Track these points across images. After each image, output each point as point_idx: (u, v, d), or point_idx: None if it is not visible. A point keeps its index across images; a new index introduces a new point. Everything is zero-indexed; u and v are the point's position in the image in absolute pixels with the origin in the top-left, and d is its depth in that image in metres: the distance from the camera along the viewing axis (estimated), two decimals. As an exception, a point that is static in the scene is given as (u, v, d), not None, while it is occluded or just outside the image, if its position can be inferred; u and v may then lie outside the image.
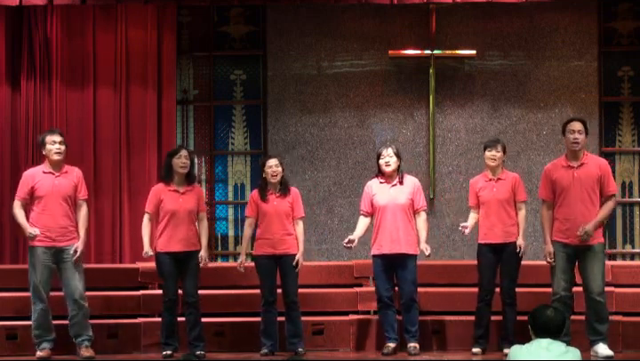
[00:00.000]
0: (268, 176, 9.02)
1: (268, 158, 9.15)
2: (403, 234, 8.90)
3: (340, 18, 10.97)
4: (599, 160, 8.86)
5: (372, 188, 9.11)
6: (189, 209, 8.91)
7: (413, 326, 8.93)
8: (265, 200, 9.01)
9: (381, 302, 8.98)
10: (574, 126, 8.64)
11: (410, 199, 9.00)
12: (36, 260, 8.67)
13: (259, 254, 9.00)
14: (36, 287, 8.67)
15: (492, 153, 8.98)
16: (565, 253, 8.58)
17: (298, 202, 9.10)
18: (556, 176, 8.63)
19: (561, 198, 8.60)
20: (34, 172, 8.92)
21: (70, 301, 8.74)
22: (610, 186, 8.64)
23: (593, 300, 8.55)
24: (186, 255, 8.86)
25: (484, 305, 8.95)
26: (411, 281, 8.92)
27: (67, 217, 8.79)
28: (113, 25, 10.81)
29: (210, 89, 11.19)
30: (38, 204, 8.76)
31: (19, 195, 8.86)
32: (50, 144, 8.78)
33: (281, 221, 8.97)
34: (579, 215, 8.51)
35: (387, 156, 9.01)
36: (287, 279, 8.98)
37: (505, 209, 8.92)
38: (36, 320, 8.71)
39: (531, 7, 10.70)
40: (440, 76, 10.77)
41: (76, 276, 8.72)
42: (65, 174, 8.85)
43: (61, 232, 8.73)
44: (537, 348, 5.55)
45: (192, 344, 8.85)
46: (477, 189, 9.04)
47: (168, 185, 8.95)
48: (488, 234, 8.93)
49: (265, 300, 8.95)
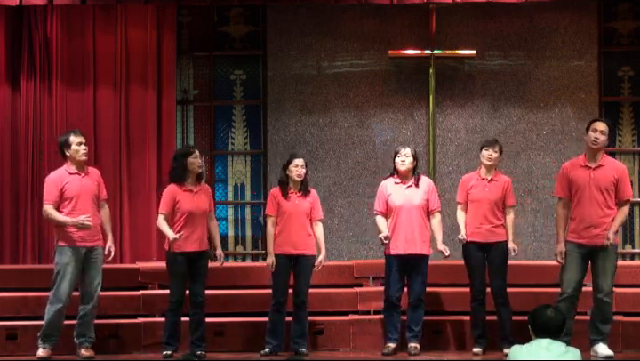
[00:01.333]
0: (293, 175, 8.96)
1: (294, 158, 9.03)
2: (418, 234, 8.90)
3: (340, 18, 10.97)
4: (617, 164, 8.87)
5: (386, 187, 9.07)
6: (204, 208, 8.90)
7: (417, 326, 8.93)
8: (286, 198, 8.99)
9: (388, 302, 8.96)
10: (598, 126, 8.64)
11: (425, 200, 9.00)
12: (68, 260, 8.63)
13: (277, 253, 8.93)
14: (61, 287, 8.60)
15: (490, 153, 8.99)
16: (579, 254, 8.56)
17: (317, 203, 9.07)
18: (572, 175, 8.63)
19: (576, 198, 8.59)
20: (59, 174, 8.82)
21: (87, 300, 8.71)
22: (626, 190, 8.63)
23: (600, 300, 8.55)
24: (198, 255, 8.84)
25: (478, 304, 8.95)
26: (422, 281, 8.93)
27: (96, 217, 8.78)
28: (113, 25, 10.81)
29: (210, 89, 11.19)
30: (68, 205, 8.69)
31: (49, 199, 8.71)
32: (76, 145, 8.76)
33: (301, 221, 8.94)
34: (594, 216, 8.50)
35: (403, 155, 9.00)
36: (301, 280, 8.95)
37: (493, 210, 8.93)
38: (50, 320, 8.66)
39: (531, 7, 10.70)
40: (440, 76, 10.77)
41: (98, 277, 8.73)
42: (88, 175, 8.86)
43: (91, 232, 8.72)
44: (537, 348, 5.54)
45: (194, 344, 8.84)
46: (469, 187, 9.04)
47: (181, 185, 8.93)
48: (475, 232, 8.93)
49: (276, 299, 8.91)
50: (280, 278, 8.92)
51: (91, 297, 8.73)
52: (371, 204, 9.50)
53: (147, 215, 10.61)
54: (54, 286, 8.65)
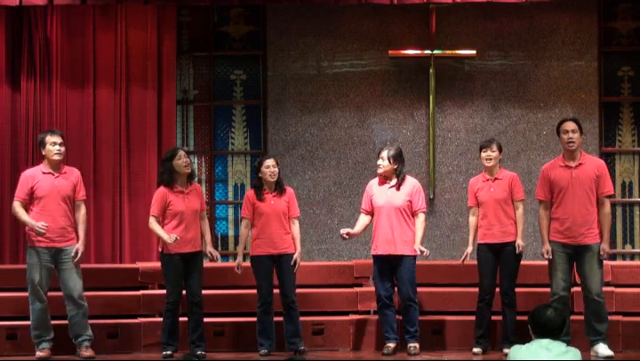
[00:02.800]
0: (266, 176, 9.02)
1: (265, 158, 9.14)
2: (397, 235, 8.91)
3: (340, 18, 10.97)
4: (597, 160, 8.90)
5: (372, 187, 9.15)
6: (195, 209, 8.92)
7: (412, 327, 8.94)
8: (261, 200, 9.01)
9: (380, 302, 8.99)
10: (568, 126, 8.67)
11: (407, 201, 9.00)
12: (36, 260, 8.68)
13: (257, 254, 8.99)
14: (34, 287, 8.68)
15: (488, 153, 9.01)
16: (564, 253, 8.59)
17: (293, 201, 9.12)
18: (553, 176, 8.65)
19: (559, 198, 8.61)
20: (33, 172, 8.92)
21: (69, 301, 8.75)
22: (606, 186, 8.65)
23: (592, 300, 8.56)
24: (193, 256, 8.87)
25: (485, 305, 8.96)
26: (408, 281, 8.92)
27: (66, 217, 8.79)
28: (113, 25, 10.81)
29: (210, 89, 11.19)
30: (37, 205, 8.76)
31: (18, 195, 8.84)
32: (50, 145, 8.79)
33: (279, 220, 8.98)
34: (577, 215, 8.52)
35: (380, 159, 9.06)
36: (286, 279, 8.98)
37: (503, 209, 8.93)
38: (36, 320, 8.72)
39: (531, 7, 10.69)
40: (440, 76, 10.76)
41: (74, 276, 8.74)
42: (64, 175, 8.86)
43: (60, 232, 8.74)
44: (537, 348, 5.54)
45: (194, 344, 8.85)
46: (476, 190, 9.06)
47: (172, 188, 8.94)
48: (486, 234, 8.95)
49: (263, 300, 8.95)
50: (263, 279, 8.96)
51: (70, 298, 8.73)
52: (371, 204, 9.51)
53: (147, 215, 10.49)
54: (28, 287, 8.73)
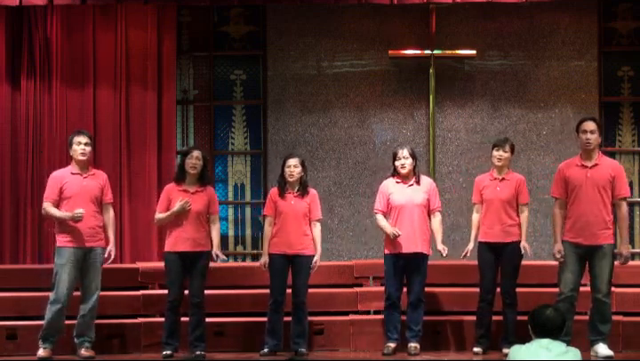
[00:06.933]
0: (286, 175, 9.01)
1: (289, 157, 9.10)
2: (419, 233, 8.91)
3: (340, 18, 10.97)
4: (613, 162, 8.89)
5: (388, 187, 9.08)
6: (197, 210, 8.88)
7: (417, 326, 8.93)
8: (283, 198, 8.99)
9: (389, 301, 8.96)
10: (587, 126, 8.65)
11: (426, 199, 9.01)
12: (65, 261, 8.65)
13: (273, 253, 8.96)
14: (59, 288, 8.63)
15: (500, 153, 9.00)
16: (576, 254, 8.57)
17: (316, 203, 9.07)
18: (569, 174, 8.63)
19: (573, 197, 8.59)
20: (62, 173, 8.92)
21: (87, 301, 8.74)
22: (622, 188, 8.64)
23: (599, 300, 8.56)
24: (194, 256, 8.85)
25: (486, 305, 8.95)
26: (421, 281, 8.93)
27: (94, 218, 8.80)
28: (113, 25, 10.81)
29: (210, 89, 11.19)
30: (67, 205, 8.74)
31: (48, 196, 8.80)
32: (76, 145, 8.82)
33: (298, 221, 8.94)
34: (590, 215, 8.50)
35: (402, 158, 9.00)
36: (299, 280, 8.95)
37: (506, 209, 8.92)
38: (49, 320, 8.68)
39: (531, 7, 10.70)
40: (440, 76, 10.76)
41: (98, 278, 8.77)
42: (92, 176, 8.88)
43: (90, 233, 8.74)
44: (537, 348, 5.54)
45: (193, 344, 8.84)
46: (481, 187, 9.05)
47: (179, 185, 8.95)
48: (487, 233, 8.95)
49: (274, 299, 8.92)
50: (276, 278, 8.93)
51: (89, 298, 8.75)
52: (371, 204, 9.50)
53: (147, 215, 10.59)
54: (53, 287, 8.68)
